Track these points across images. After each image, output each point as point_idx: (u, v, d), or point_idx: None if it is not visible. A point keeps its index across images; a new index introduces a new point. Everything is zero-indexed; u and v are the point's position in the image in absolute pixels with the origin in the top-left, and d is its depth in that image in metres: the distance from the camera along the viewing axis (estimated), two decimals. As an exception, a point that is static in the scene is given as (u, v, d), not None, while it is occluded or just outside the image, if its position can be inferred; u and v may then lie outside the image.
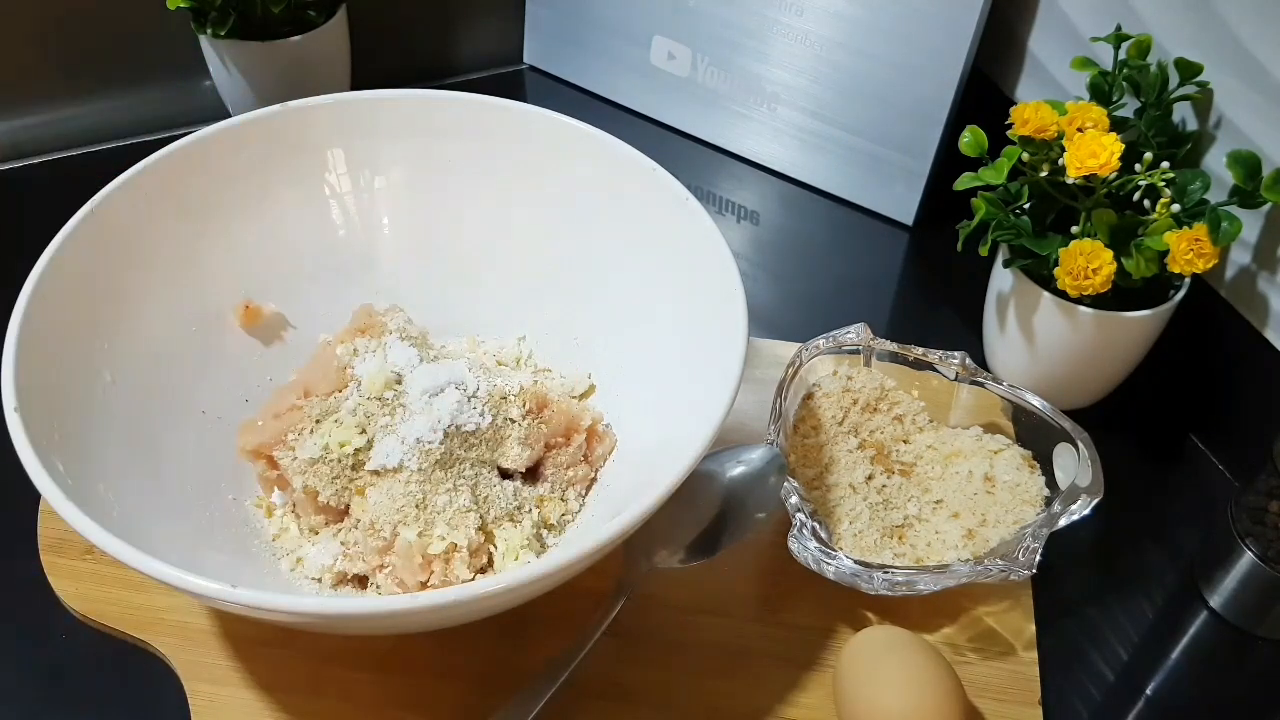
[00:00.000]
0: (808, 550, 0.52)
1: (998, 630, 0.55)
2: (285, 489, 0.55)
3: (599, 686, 0.51)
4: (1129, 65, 0.61)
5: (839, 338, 0.61)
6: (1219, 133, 0.61)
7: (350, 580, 0.53)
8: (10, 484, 0.48)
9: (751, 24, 0.78)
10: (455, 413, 0.53)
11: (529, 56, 0.90)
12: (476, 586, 0.42)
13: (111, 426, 0.51)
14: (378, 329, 0.58)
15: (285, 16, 0.74)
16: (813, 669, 0.53)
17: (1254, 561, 0.54)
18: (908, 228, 0.78)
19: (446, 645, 0.52)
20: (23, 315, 0.49)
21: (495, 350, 0.63)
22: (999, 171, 0.59)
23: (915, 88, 0.74)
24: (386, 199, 0.64)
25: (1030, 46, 0.74)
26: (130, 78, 0.80)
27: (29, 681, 0.52)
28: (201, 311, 0.59)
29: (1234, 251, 0.61)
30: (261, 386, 0.59)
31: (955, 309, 0.72)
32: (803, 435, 0.59)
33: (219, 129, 0.59)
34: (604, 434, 0.57)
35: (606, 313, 0.61)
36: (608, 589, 0.52)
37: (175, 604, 0.53)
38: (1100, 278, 0.55)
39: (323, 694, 0.51)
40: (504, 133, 0.62)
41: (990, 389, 0.59)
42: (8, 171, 0.79)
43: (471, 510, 0.52)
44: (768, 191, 0.81)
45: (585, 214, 0.61)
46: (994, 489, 0.57)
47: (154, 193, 0.57)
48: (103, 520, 0.43)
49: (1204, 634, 0.57)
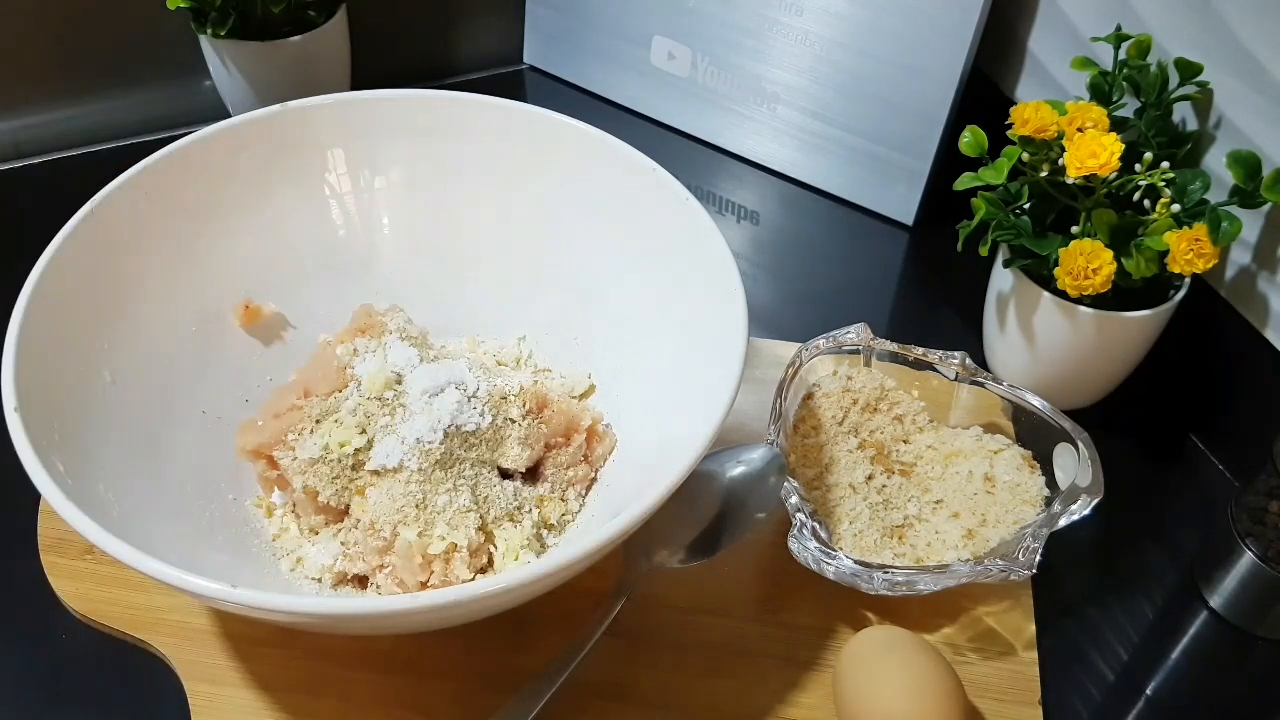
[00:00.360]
0: (808, 550, 0.52)
1: (998, 630, 0.55)
2: (285, 489, 0.55)
3: (599, 686, 0.51)
4: (1129, 65, 0.61)
5: (839, 338, 0.61)
6: (1219, 133, 0.61)
7: (350, 580, 0.53)
8: (10, 484, 0.48)
9: (751, 24, 0.78)
10: (455, 413, 0.53)
11: (529, 56, 0.90)
12: (476, 586, 0.42)
13: (111, 426, 0.51)
14: (378, 329, 0.58)
15: (285, 16, 0.75)
16: (813, 669, 0.53)
17: (1254, 561, 0.54)
18: (908, 228, 0.78)
19: (446, 645, 0.52)
20: (23, 315, 0.49)
21: (495, 350, 0.63)
22: (999, 171, 0.59)
23: (915, 88, 0.74)
24: (386, 199, 0.64)
25: (1030, 46, 0.74)
26: (130, 78, 0.80)
27: (29, 681, 0.52)
28: (201, 311, 0.59)
29: (1234, 251, 0.61)
30: (261, 386, 0.59)
31: (955, 309, 0.72)
32: (803, 435, 0.59)
33: (219, 129, 0.59)
34: (604, 434, 0.57)
35: (606, 312, 0.61)
36: (608, 589, 0.52)
37: (175, 604, 0.53)
38: (1100, 278, 0.55)
39: (323, 694, 0.51)
40: (504, 133, 0.62)
41: (990, 389, 0.59)
42: (8, 171, 0.79)
43: (471, 510, 0.52)
44: (768, 191, 0.81)
45: (585, 214, 0.61)
46: (994, 489, 0.57)
47: (154, 193, 0.57)
48: (103, 520, 0.43)
49: (1204, 634, 0.57)
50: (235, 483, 0.55)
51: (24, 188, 0.78)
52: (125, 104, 0.81)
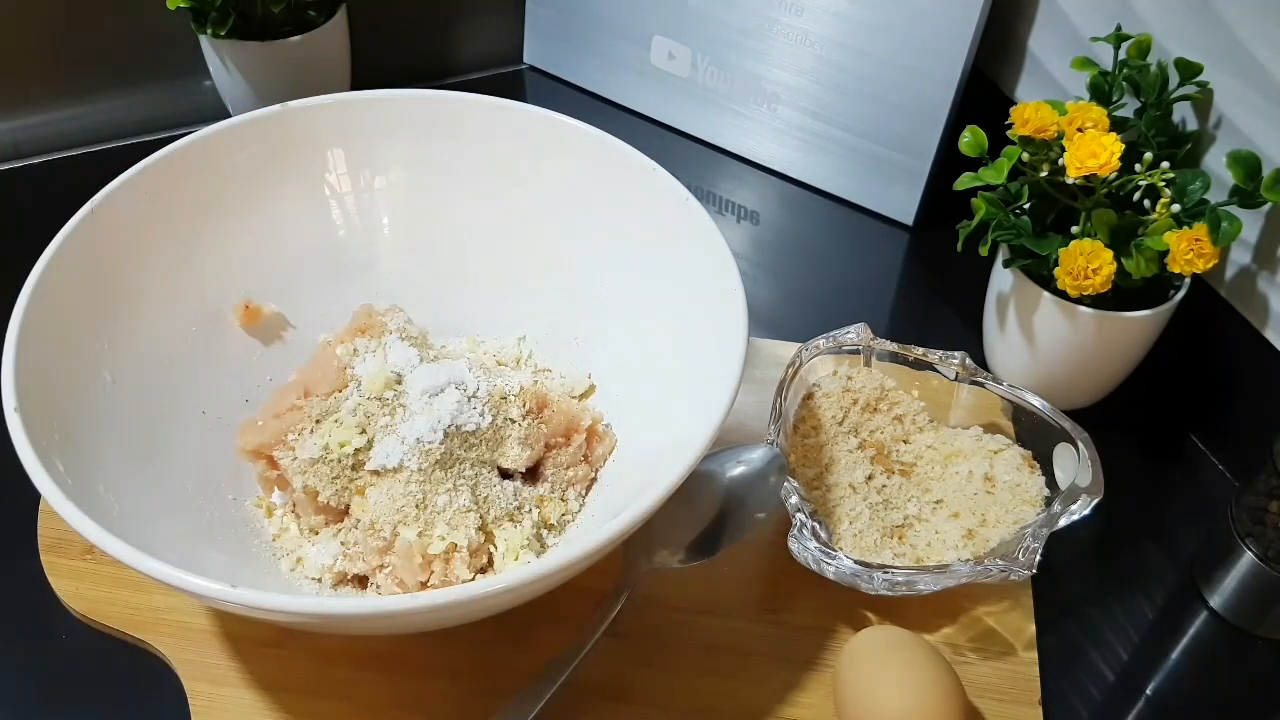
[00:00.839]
0: (808, 550, 0.52)
1: (998, 630, 0.55)
2: (285, 489, 0.55)
3: (599, 686, 0.51)
4: (1129, 65, 0.61)
5: (839, 338, 0.61)
6: (1219, 133, 0.61)
7: (350, 580, 0.53)
8: (10, 484, 0.48)
9: (751, 24, 0.78)
10: (455, 413, 0.53)
11: (529, 56, 0.90)
12: (476, 586, 0.42)
13: (111, 426, 0.51)
14: (378, 329, 0.58)
15: (285, 16, 0.74)
16: (813, 669, 0.53)
17: (1254, 561, 0.54)
18: (908, 228, 0.78)
19: (446, 645, 0.52)
20: (23, 315, 0.49)
21: (495, 350, 0.63)
22: (999, 171, 0.59)
23: (915, 88, 0.74)
24: (386, 199, 0.64)
25: (1030, 46, 0.74)
26: (130, 78, 0.80)
27: (29, 681, 0.52)
28: (201, 311, 0.59)
29: (1234, 251, 0.61)
30: (261, 386, 0.59)
31: (955, 309, 0.72)
32: (803, 435, 0.59)
33: (219, 129, 0.59)
34: (604, 434, 0.57)
35: (606, 313, 0.61)
36: (608, 589, 0.52)
37: (175, 604, 0.53)
38: (1100, 278, 0.55)
39: (323, 694, 0.51)
40: (504, 132, 0.62)
41: (990, 389, 0.59)
42: (8, 171, 0.79)
43: (471, 510, 0.52)
44: (768, 191, 0.81)
45: (585, 214, 0.61)
46: (994, 489, 0.57)
47: (154, 193, 0.57)
48: (103, 520, 0.43)
49: (1204, 634, 0.57)
50: (235, 483, 0.55)
51: (24, 188, 0.78)
52: (125, 104, 0.81)
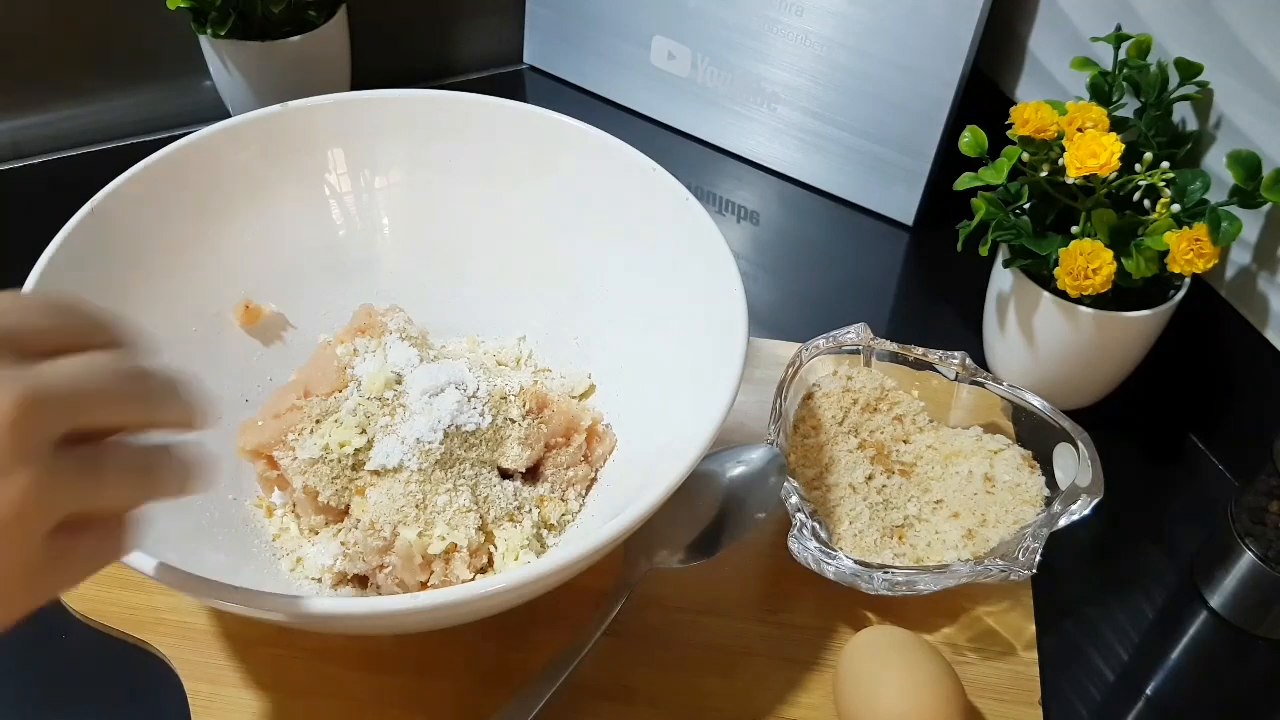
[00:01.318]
0: (808, 550, 0.52)
1: (998, 630, 0.55)
2: (285, 489, 0.55)
3: (599, 686, 0.51)
4: (1129, 65, 0.61)
5: (839, 338, 0.61)
6: (1219, 133, 0.61)
7: (350, 580, 0.53)
8: (10, 484, 0.48)
9: (751, 24, 0.78)
10: (455, 413, 0.53)
11: (529, 56, 0.90)
12: (476, 586, 0.42)
13: (111, 426, 0.51)
14: (378, 329, 0.58)
15: (285, 16, 0.75)
16: (813, 669, 0.53)
17: (1254, 561, 0.54)
18: (908, 228, 0.78)
19: (446, 645, 0.52)
20: (23, 315, 0.49)
21: (495, 350, 0.63)
22: (999, 171, 0.59)
23: (915, 88, 0.74)
24: (386, 199, 0.64)
25: (1030, 46, 0.74)
26: (130, 78, 0.80)
27: (29, 681, 0.52)
28: (201, 311, 0.58)
29: (1234, 251, 0.61)
30: (261, 386, 0.59)
31: (955, 309, 0.72)
32: (803, 435, 0.59)
33: (219, 129, 0.59)
34: (604, 434, 0.57)
35: (606, 313, 0.61)
36: (608, 589, 0.52)
37: (175, 604, 0.53)
38: (1100, 278, 0.55)
39: (322, 694, 0.51)
40: (504, 132, 0.62)
41: (990, 389, 0.59)
42: (8, 171, 0.79)
43: (471, 510, 0.52)
44: (768, 191, 0.81)
45: (585, 214, 0.61)
46: (994, 489, 0.57)
47: (154, 193, 0.57)
48: (102, 520, 0.43)
49: (1204, 634, 0.57)
50: (235, 483, 0.55)
51: (24, 188, 0.78)
52: (125, 104, 0.81)
